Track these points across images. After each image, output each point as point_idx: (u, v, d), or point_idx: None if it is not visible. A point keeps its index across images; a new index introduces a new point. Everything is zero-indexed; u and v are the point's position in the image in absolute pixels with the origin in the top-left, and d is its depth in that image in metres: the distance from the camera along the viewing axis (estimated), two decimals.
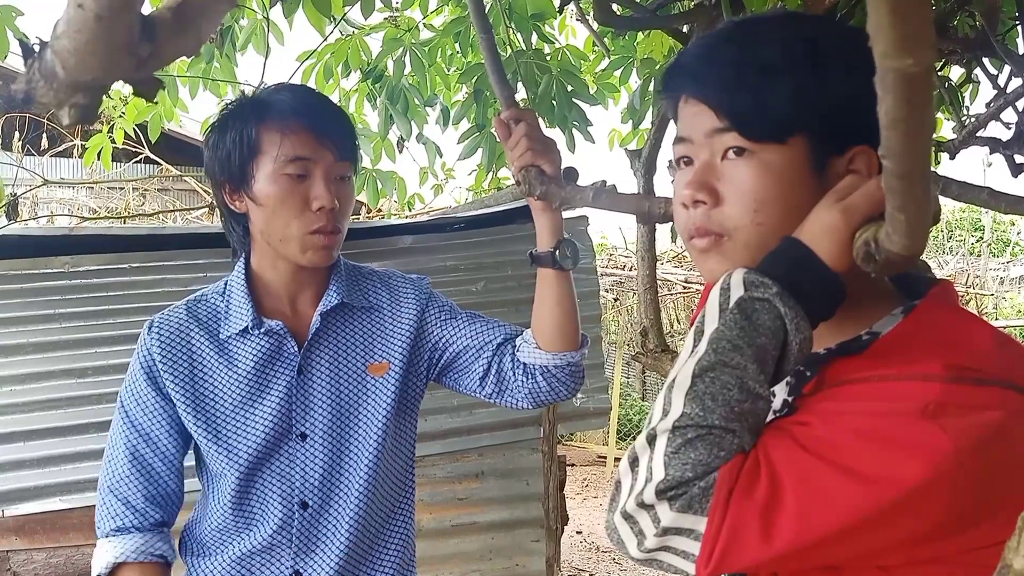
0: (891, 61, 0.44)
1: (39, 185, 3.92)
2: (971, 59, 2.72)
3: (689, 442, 0.72)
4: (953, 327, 0.80)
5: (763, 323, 0.75)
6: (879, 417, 0.72)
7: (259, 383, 1.42)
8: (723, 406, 0.73)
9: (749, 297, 0.75)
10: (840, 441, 0.71)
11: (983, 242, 12.33)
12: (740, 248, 0.84)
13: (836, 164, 0.82)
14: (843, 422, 0.73)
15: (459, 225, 3.18)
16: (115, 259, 2.83)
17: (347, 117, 1.46)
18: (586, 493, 7.52)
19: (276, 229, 1.38)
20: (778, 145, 0.82)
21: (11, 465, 2.59)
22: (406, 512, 1.55)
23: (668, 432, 0.73)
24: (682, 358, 0.78)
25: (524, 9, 2.65)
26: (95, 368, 2.72)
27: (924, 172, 0.53)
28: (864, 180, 0.79)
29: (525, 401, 1.48)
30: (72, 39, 0.40)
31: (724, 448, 0.72)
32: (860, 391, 0.76)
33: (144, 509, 1.40)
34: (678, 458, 0.72)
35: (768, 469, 0.71)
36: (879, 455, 0.70)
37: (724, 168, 0.85)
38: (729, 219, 0.85)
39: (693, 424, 0.72)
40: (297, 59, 2.82)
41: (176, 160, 6.10)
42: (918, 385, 0.72)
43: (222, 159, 1.38)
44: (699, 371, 0.74)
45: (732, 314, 0.75)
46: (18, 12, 2.21)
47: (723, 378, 0.73)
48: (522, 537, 3.04)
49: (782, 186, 0.82)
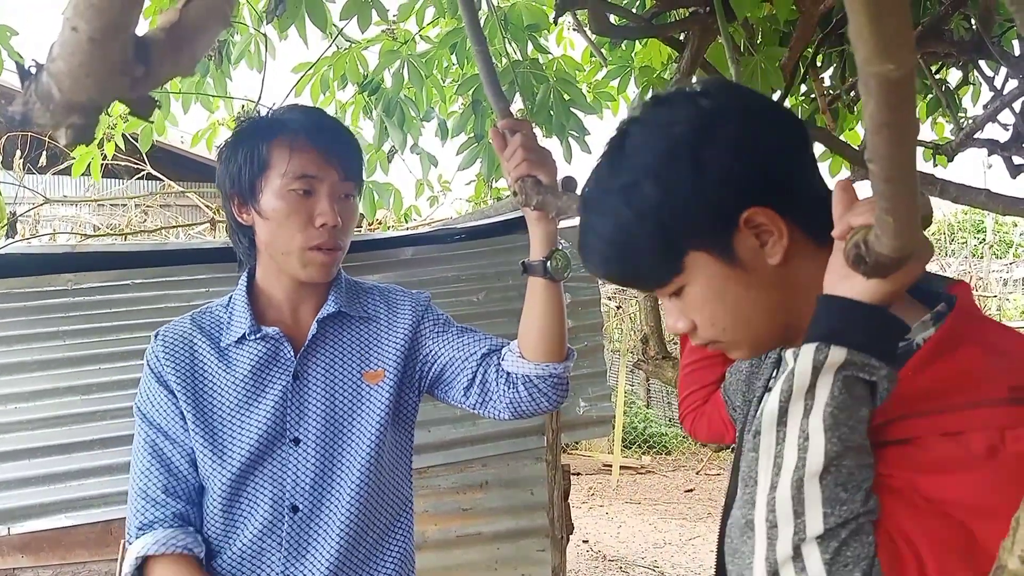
0: (872, 67, 0.45)
1: (41, 204, 3.93)
2: (968, 61, 2.73)
3: (844, 542, 0.71)
4: (992, 339, 0.82)
5: (862, 395, 0.75)
6: (974, 470, 0.72)
7: (255, 387, 1.45)
8: (857, 491, 0.73)
9: (855, 376, 0.74)
10: (951, 499, 0.72)
11: (985, 244, 12.32)
12: (738, 344, 0.90)
13: (739, 241, 0.85)
14: (946, 479, 0.73)
15: (459, 236, 3.18)
16: (118, 276, 2.84)
17: (354, 139, 1.51)
18: (592, 502, 7.50)
19: (280, 243, 1.41)
20: (682, 274, 0.88)
21: (17, 483, 2.60)
22: (405, 524, 1.56)
23: (818, 538, 0.72)
24: (770, 443, 0.76)
25: (520, 20, 2.67)
26: (100, 384, 2.73)
27: (910, 174, 0.54)
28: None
29: (506, 412, 1.49)
30: (67, 61, 0.40)
31: (869, 532, 0.72)
32: (933, 425, 0.76)
33: (164, 500, 1.40)
34: (839, 562, 0.71)
35: (910, 547, 0.71)
36: (985, 506, 0.71)
37: (680, 303, 0.92)
38: (708, 334, 0.91)
39: (842, 522, 0.72)
40: (293, 70, 2.84)
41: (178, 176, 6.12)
42: (990, 412, 0.73)
43: (233, 173, 1.43)
44: (827, 463, 0.73)
45: (842, 395, 0.74)
46: (12, 32, 2.23)
47: (848, 464, 0.73)
48: (527, 547, 3.04)
49: (717, 294, 0.88)
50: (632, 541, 6.43)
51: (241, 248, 1.51)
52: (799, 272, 0.86)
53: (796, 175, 0.88)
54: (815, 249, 0.86)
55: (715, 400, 1.40)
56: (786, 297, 0.86)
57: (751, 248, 0.85)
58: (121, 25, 0.40)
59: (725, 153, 0.84)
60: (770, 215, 0.84)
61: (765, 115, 0.89)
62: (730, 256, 0.85)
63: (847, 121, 3.12)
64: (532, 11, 2.68)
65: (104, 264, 2.84)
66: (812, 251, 0.86)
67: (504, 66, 2.57)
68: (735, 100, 0.89)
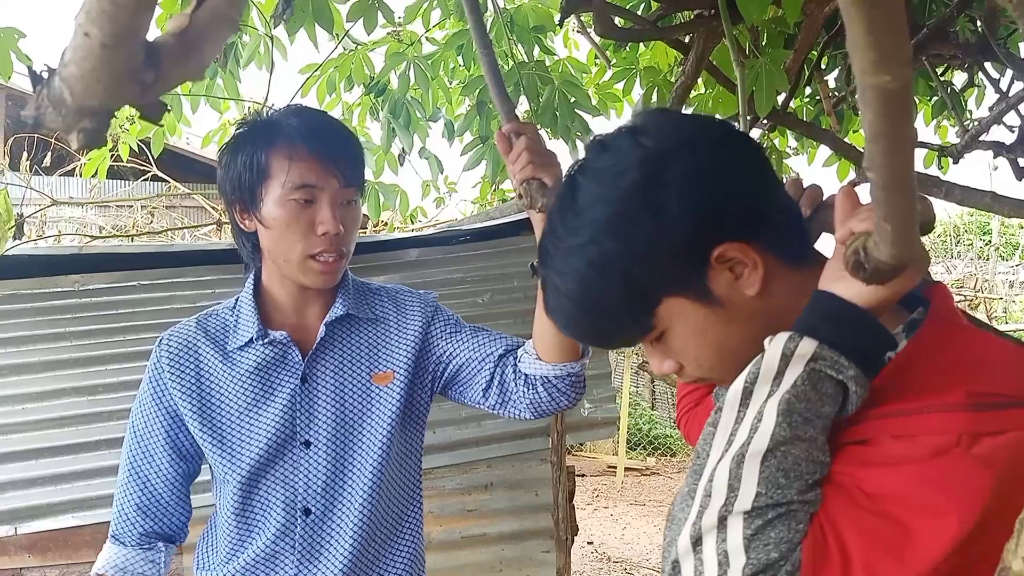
0: (869, 78, 0.45)
1: (48, 205, 3.95)
2: (973, 64, 2.73)
3: (769, 522, 0.71)
4: (963, 346, 0.80)
5: (828, 392, 0.74)
6: (919, 464, 0.71)
7: (263, 390, 1.45)
8: (797, 480, 0.72)
9: (822, 372, 0.74)
10: (890, 494, 0.71)
11: (991, 246, 12.29)
12: (728, 377, 0.85)
13: (713, 278, 0.83)
14: (888, 474, 0.73)
15: (464, 238, 3.19)
16: (124, 277, 2.85)
17: (356, 142, 1.49)
18: (596, 503, 7.50)
19: (281, 251, 1.41)
20: (658, 324, 0.86)
21: (23, 483, 2.61)
22: (414, 523, 1.56)
23: (744, 514, 0.71)
24: (728, 421, 0.76)
25: (526, 21, 2.67)
26: (106, 385, 2.74)
27: (907, 183, 0.54)
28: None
29: (527, 412, 1.49)
30: (78, 66, 0.41)
31: (801, 521, 0.71)
32: (887, 427, 0.75)
33: (134, 519, 1.48)
34: (759, 540, 0.70)
35: (836, 540, 0.71)
36: (929, 504, 0.70)
37: (662, 347, 0.90)
38: (696, 373, 0.90)
39: (772, 503, 0.71)
40: (300, 72, 2.85)
41: (183, 177, 6.14)
42: (945, 417, 0.72)
43: (233, 180, 1.42)
44: (772, 445, 0.73)
45: (803, 386, 0.74)
46: (20, 34, 2.24)
47: (794, 452, 0.73)
48: (532, 548, 3.04)
49: (698, 335, 0.86)
50: (637, 543, 6.43)
51: (246, 251, 1.51)
52: (778, 296, 0.84)
53: (758, 198, 0.85)
54: (791, 270, 0.85)
55: (707, 403, 1.40)
56: (769, 323, 0.83)
57: (727, 283, 0.83)
58: (132, 31, 0.40)
59: (681, 194, 0.81)
60: (741, 248, 0.82)
61: (713, 143, 0.86)
62: (706, 295, 0.83)
63: (852, 123, 3.12)
64: (538, 13, 2.69)
65: (110, 265, 2.86)
66: (788, 272, 0.85)
67: (509, 68, 2.58)
68: (678, 133, 0.85)
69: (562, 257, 0.87)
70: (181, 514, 1.52)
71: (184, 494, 1.52)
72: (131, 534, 1.48)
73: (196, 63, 0.46)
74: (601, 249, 0.84)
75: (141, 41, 0.42)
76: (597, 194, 0.85)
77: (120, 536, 1.49)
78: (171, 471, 1.48)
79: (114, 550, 1.49)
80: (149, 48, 0.43)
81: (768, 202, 0.86)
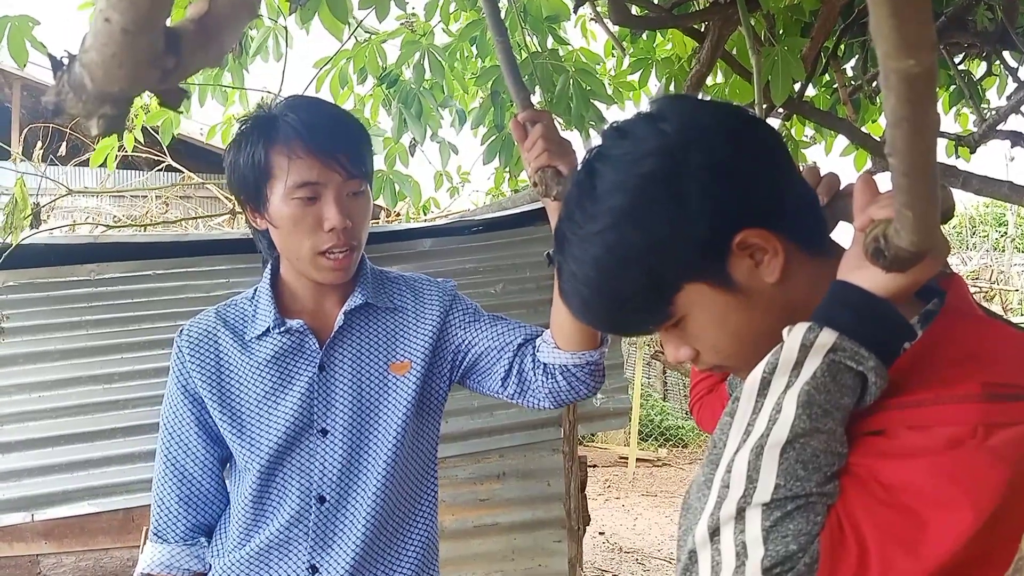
0: (893, 62, 0.45)
1: (64, 195, 3.97)
2: (992, 52, 2.70)
3: (788, 514, 0.71)
4: (979, 337, 0.80)
5: (847, 383, 0.74)
6: (935, 456, 0.71)
7: (281, 378, 1.45)
8: (816, 472, 0.72)
9: (842, 363, 0.74)
10: (906, 486, 0.71)
11: (1007, 237, 12.19)
12: (746, 366, 0.84)
13: (734, 265, 0.83)
14: (903, 466, 0.72)
15: (477, 228, 3.19)
16: (139, 266, 2.87)
17: (358, 131, 1.45)
18: (608, 494, 7.51)
19: (292, 249, 1.41)
20: (676, 311, 0.85)
21: (40, 470, 2.64)
22: (428, 512, 1.57)
23: (763, 505, 0.71)
24: (746, 411, 0.76)
25: (539, 11, 2.66)
26: (121, 374, 2.76)
27: (929, 169, 0.54)
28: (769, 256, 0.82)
29: (546, 401, 1.49)
30: (99, 52, 0.41)
31: (820, 513, 0.71)
32: (903, 418, 0.75)
33: (176, 512, 1.48)
34: (778, 532, 0.70)
35: (854, 532, 0.71)
36: (944, 497, 0.69)
37: (679, 332, 0.90)
38: (712, 360, 0.90)
39: (791, 495, 0.71)
40: (315, 65, 2.84)
41: (198, 167, 6.15)
42: (960, 408, 0.72)
43: (239, 180, 1.41)
44: (792, 437, 0.72)
45: (823, 377, 0.73)
46: (35, 22, 2.24)
47: (813, 444, 0.72)
48: (544, 538, 3.05)
49: (718, 322, 0.85)
50: (648, 533, 6.44)
51: (262, 246, 1.52)
52: (797, 284, 0.84)
53: (778, 185, 0.85)
54: (809, 257, 0.85)
55: (720, 390, 1.39)
56: (787, 312, 0.83)
57: (747, 269, 0.83)
58: (153, 17, 0.40)
59: (702, 181, 0.80)
60: (762, 234, 0.81)
61: (732, 130, 0.85)
62: (727, 282, 0.83)
63: (869, 112, 3.10)
64: (551, 2, 2.68)
65: (125, 255, 2.87)
66: (807, 260, 0.85)
67: (523, 59, 2.57)
68: (697, 120, 0.85)
69: (580, 244, 0.86)
70: (220, 503, 1.52)
71: (221, 482, 1.52)
72: (175, 530, 1.49)
73: (216, 49, 0.46)
74: (620, 236, 0.83)
75: (162, 27, 0.42)
76: (616, 181, 0.84)
77: (163, 534, 1.49)
78: (206, 456, 1.49)
79: (158, 548, 1.49)
80: (169, 34, 0.43)
81: (787, 189, 0.86)
